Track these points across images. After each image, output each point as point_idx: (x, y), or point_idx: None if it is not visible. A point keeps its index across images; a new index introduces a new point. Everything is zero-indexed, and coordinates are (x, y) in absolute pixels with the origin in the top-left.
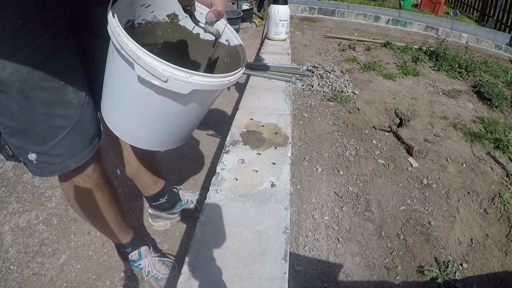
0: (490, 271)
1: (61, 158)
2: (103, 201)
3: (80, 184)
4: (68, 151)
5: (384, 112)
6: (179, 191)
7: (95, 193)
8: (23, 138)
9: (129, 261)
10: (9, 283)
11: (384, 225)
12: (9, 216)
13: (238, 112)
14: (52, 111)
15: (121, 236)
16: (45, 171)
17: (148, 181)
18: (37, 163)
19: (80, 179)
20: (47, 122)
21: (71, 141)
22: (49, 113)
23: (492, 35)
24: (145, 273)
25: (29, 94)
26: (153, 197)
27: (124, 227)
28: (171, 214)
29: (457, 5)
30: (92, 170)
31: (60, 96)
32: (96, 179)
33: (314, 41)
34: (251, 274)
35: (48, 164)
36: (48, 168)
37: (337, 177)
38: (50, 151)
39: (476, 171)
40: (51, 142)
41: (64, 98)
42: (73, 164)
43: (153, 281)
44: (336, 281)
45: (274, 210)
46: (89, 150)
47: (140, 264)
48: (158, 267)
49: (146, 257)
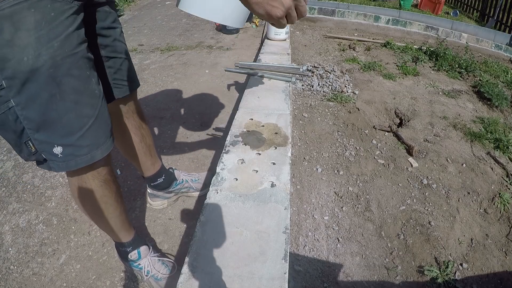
0: (490, 271)
1: (87, 149)
2: (110, 198)
3: (89, 180)
4: (94, 141)
5: (384, 112)
6: (174, 171)
7: (103, 189)
8: (49, 131)
9: (129, 261)
10: (9, 283)
11: (384, 225)
12: (9, 216)
13: (238, 112)
14: (81, 99)
15: (123, 234)
16: (71, 164)
17: (147, 162)
18: (63, 157)
19: (90, 175)
20: (75, 110)
21: (96, 131)
22: (78, 101)
23: (492, 35)
24: (145, 273)
25: (61, 81)
26: (152, 178)
27: (127, 226)
28: (167, 193)
29: (457, 5)
30: (102, 166)
31: (87, 85)
32: (105, 175)
33: (314, 41)
34: (251, 274)
35: (74, 156)
36: (74, 160)
37: (337, 177)
38: (77, 142)
39: (476, 171)
40: (78, 132)
41: (90, 87)
42: (99, 155)
43: (152, 281)
44: (336, 281)
45: (274, 210)
46: (110, 141)
47: (139, 264)
48: (157, 267)
49: (146, 257)
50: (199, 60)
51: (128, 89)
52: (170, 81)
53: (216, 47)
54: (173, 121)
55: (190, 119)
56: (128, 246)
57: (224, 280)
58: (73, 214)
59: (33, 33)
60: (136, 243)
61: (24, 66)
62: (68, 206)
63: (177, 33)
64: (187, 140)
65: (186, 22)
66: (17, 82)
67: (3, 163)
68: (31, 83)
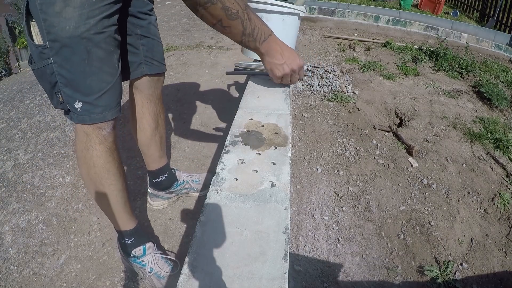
0: (490, 271)
1: (101, 109)
2: (113, 167)
3: (96, 144)
4: (108, 104)
5: (384, 112)
6: (175, 171)
7: (107, 155)
8: (74, 88)
9: (132, 257)
10: (9, 283)
11: (384, 225)
12: (9, 216)
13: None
14: (104, 67)
15: (125, 218)
16: (86, 119)
17: (156, 153)
18: (81, 111)
19: (97, 139)
20: (98, 75)
21: (111, 95)
22: (102, 68)
23: (492, 35)
24: (148, 270)
25: (91, 50)
26: (156, 172)
27: (129, 209)
28: (168, 194)
29: (457, 5)
30: (109, 133)
31: (110, 57)
32: (111, 142)
33: (314, 41)
34: (251, 274)
35: (90, 112)
36: (89, 116)
37: (337, 177)
38: (94, 101)
39: (476, 171)
40: (96, 94)
41: (112, 60)
42: (109, 116)
43: (154, 279)
44: (336, 281)
45: (274, 210)
46: (119, 108)
47: (143, 261)
48: (161, 265)
49: (150, 253)
50: (199, 60)
51: (156, 68)
52: (170, 81)
53: (216, 47)
54: (173, 121)
55: (190, 119)
56: (129, 237)
57: (224, 280)
58: (73, 214)
59: (77, 10)
60: (139, 236)
61: (65, 33)
62: (68, 206)
63: (177, 33)
64: (187, 140)
65: (186, 22)
66: (57, 45)
67: (3, 163)
68: (67, 48)
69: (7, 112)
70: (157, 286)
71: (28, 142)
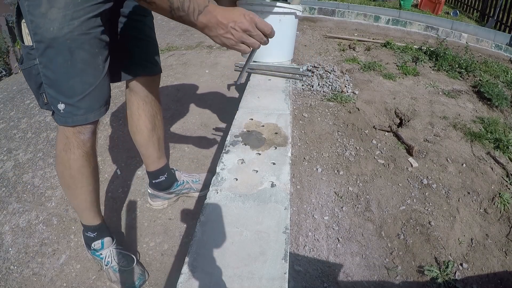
0: (490, 271)
1: (83, 111)
2: (87, 170)
3: (74, 147)
4: (90, 106)
5: (384, 112)
6: (175, 172)
7: (83, 160)
8: (58, 89)
9: (91, 250)
10: (9, 283)
11: (384, 225)
12: (9, 216)
13: (238, 112)
14: (87, 69)
15: (90, 215)
16: (68, 120)
17: (154, 154)
18: (64, 113)
19: (76, 143)
20: (80, 76)
21: (93, 97)
22: (85, 69)
23: (492, 35)
24: (104, 263)
25: (74, 51)
26: (155, 173)
27: (96, 208)
28: (168, 194)
29: (457, 5)
30: (88, 138)
31: (94, 59)
32: (89, 147)
33: (314, 41)
34: (251, 274)
35: (72, 114)
36: (71, 118)
37: (337, 177)
38: (76, 103)
39: (476, 171)
40: (79, 96)
41: (97, 61)
42: (92, 118)
43: (111, 272)
44: (336, 281)
45: (274, 210)
46: (103, 110)
47: (101, 254)
48: (117, 259)
49: (108, 247)
50: (199, 60)
51: (150, 69)
52: (170, 81)
53: (216, 47)
54: (173, 121)
55: (190, 119)
56: (93, 231)
57: (224, 280)
58: (73, 214)
59: (62, 11)
60: (101, 232)
61: (49, 34)
62: (68, 206)
63: (177, 33)
64: (187, 140)
65: None
66: (42, 45)
67: (3, 163)
68: (51, 49)
69: (7, 112)
70: (113, 278)
71: (28, 142)
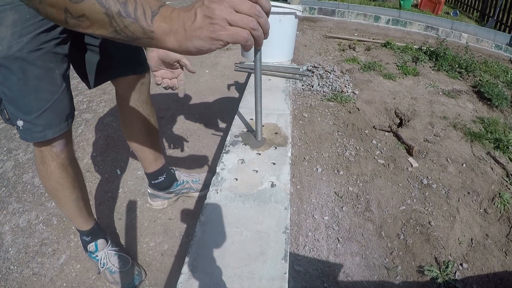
0: (490, 271)
1: (41, 128)
2: (67, 181)
3: (49, 160)
4: (48, 123)
5: (384, 112)
6: (175, 171)
7: (60, 171)
8: (15, 106)
9: (88, 252)
10: (9, 283)
11: (384, 225)
12: (9, 216)
13: (238, 112)
14: (42, 85)
15: (80, 221)
16: (28, 137)
17: (150, 156)
18: (23, 129)
19: (50, 156)
20: (35, 94)
21: (51, 114)
22: (39, 86)
23: (492, 35)
24: (100, 265)
25: (26, 69)
26: (153, 174)
27: (85, 214)
28: (168, 194)
29: (457, 5)
30: (61, 150)
31: (50, 74)
32: (63, 159)
33: (314, 41)
34: (251, 274)
35: (31, 131)
36: (30, 135)
37: (337, 177)
38: (33, 120)
39: (476, 171)
40: (36, 113)
41: (52, 76)
42: (50, 135)
43: (107, 273)
44: (336, 281)
45: (274, 210)
46: (64, 125)
47: (97, 256)
48: (113, 261)
49: (103, 249)
50: (199, 60)
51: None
52: None
53: None
54: (173, 121)
55: (190, 119)
56: (87, 236)
57: (224, 280)
58: None
59: (10, 29)
60: (94, 235)
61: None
62: None
63: None
64: (187, 140)
65: None
66: None
67: (3, 163)
68: (3, 67)
69: None
70: (110, 280)
71: (28, 142)
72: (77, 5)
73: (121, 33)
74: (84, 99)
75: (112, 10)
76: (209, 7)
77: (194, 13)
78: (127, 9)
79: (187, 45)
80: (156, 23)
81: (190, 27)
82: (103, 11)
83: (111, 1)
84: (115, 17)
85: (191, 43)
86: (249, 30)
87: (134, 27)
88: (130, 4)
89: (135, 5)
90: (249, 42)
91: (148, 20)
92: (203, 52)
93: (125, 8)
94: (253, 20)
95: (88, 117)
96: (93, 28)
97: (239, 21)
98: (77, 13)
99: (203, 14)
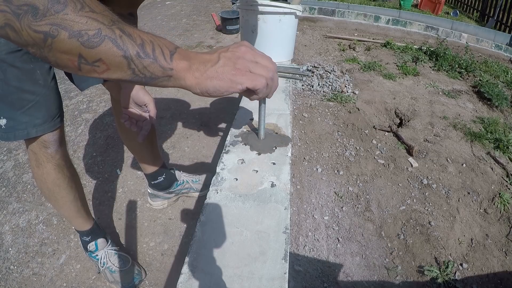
0: (490, 271)
1: (24, 125)
2: (63, 182)
3: (44, 162)
4: (31, 121)
5: (384, 112)
6: (175, 171)
7: (56, 172)
8: None
9: (88, 252)
10: (9, 283)
11: (384, 225)
12: (9, 216)
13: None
14: (23, 85)
15: (79, 222)
16: (10, 136)
17: (148, 158)
18: (5, 128)
19: (44, 157)
20: (17, 94)
21: (34, 112)
22: (20, 86)
23: (492, 35)
24: (101, 264)
25: (6, 70)
26: (152, 175)
27: (83, 214)
28: (168, 194)
29: (457, 5)
30: (55, 151)
31: (31, 74)
32: (58, 159)
33: (314, 41)
34: (251, 274)
35: (13, 129)
36: (13, 133)
37: (337, 177)
38: (17, 117)
39: (476, 171)
40: (19, 111)
41: (34, 76)
42: (33, 133)
43: (108, 273)
44: (336, 281)
45: (274, 210)
46: (50, 125)
47: (97, 255)
48: (113, 260)
49: (103, 249)
50: None
51: None
52: None
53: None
54: (173, 121)
55: (190, 119)
56: (87, 236)
57: (224, 280)
58: None
59: None
60: (94, 234)
61: None
62: None
63: (177, 33)
64: (187, 140)
65: (186, 22)
66: None
67: (3, 163)
68: None
69: None
70: (110, 279)
71: None
72: (93, 50)
73: (139, 75)
74: (84, 99)
75: (130, 52)
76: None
77: (218, 56)
78: (145, 50)
79: (206, 84)
80: (175, 61)
81: (212, 68)
82: (121, 54)
83: (129, 43)
84: (133, 58)
85: (210, 82)
86: (266, 80)
87: (153, 67)
88: (147, 45)
89: (153, 46)
90: (265, 90)
91: (168, 58)
92: (219, 94)
93: (143, 49)
94: (272, 71)
95: (88, 117)
96: (110, 72)
97: (260, 69)
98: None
99: (227, 58)
